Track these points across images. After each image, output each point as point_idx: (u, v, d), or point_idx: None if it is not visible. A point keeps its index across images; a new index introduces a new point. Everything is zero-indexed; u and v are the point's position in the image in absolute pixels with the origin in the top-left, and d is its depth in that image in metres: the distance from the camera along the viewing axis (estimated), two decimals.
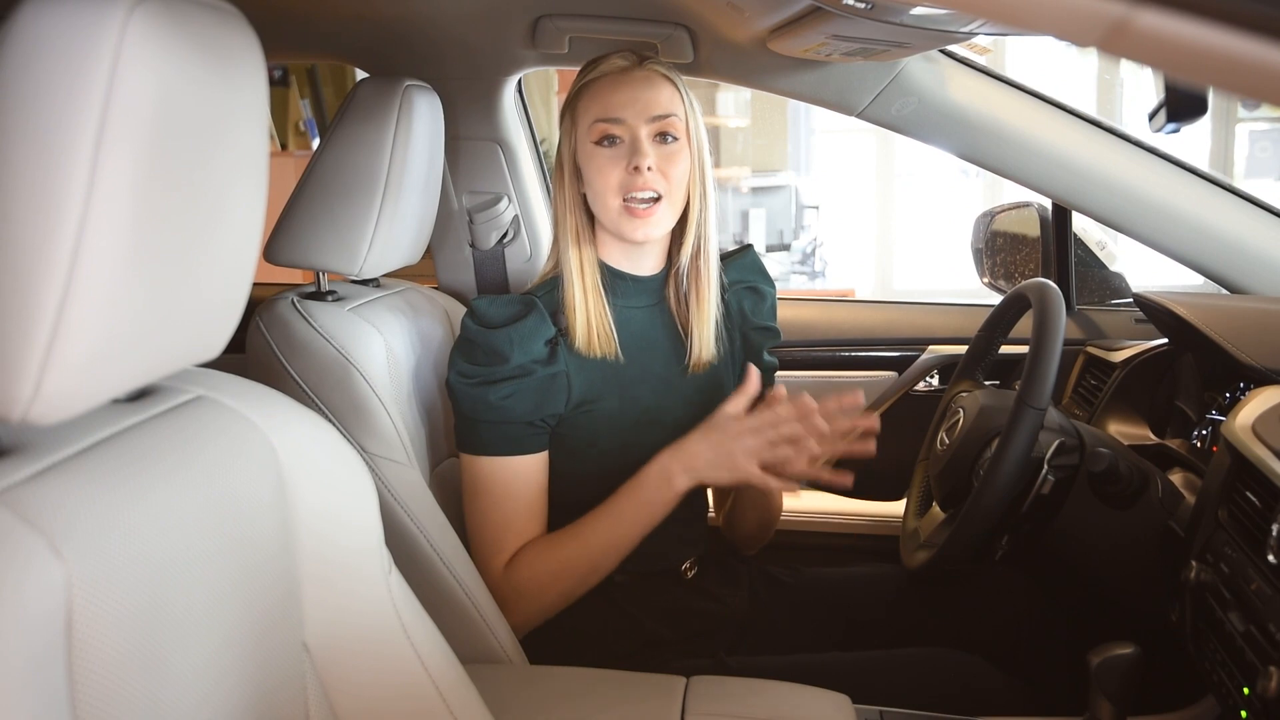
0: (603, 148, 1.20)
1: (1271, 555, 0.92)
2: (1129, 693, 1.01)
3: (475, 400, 1.17)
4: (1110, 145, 1.55)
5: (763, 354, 1.39)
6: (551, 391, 1.19)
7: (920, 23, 1.13)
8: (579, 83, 1.24)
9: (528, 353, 1.17)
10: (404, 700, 0.80)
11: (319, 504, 0.76)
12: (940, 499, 1.31)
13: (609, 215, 1.21)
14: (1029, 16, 0.42)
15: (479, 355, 1.17)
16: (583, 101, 1.22)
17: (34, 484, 0.55)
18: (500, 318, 1.18)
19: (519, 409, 1.17)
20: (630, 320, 1.26)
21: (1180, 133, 0.73)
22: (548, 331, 1.19)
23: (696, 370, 1.29)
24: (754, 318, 1.37)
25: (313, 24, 1.57)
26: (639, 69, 1.21)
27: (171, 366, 0.64)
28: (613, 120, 1.19)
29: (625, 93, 1.20)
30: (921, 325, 1.79)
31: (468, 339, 1.19)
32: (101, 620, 0.54)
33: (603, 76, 1.22)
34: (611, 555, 1.20)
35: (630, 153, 1.19)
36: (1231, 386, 1.29)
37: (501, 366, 1.16)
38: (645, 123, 1.19)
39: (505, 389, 1.16)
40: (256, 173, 0.66)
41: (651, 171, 1.18)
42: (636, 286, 1.27)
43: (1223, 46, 0.38)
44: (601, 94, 1.21)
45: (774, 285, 1.41)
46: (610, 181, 1.19)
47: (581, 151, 1.22)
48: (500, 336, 1.16)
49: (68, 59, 0.52)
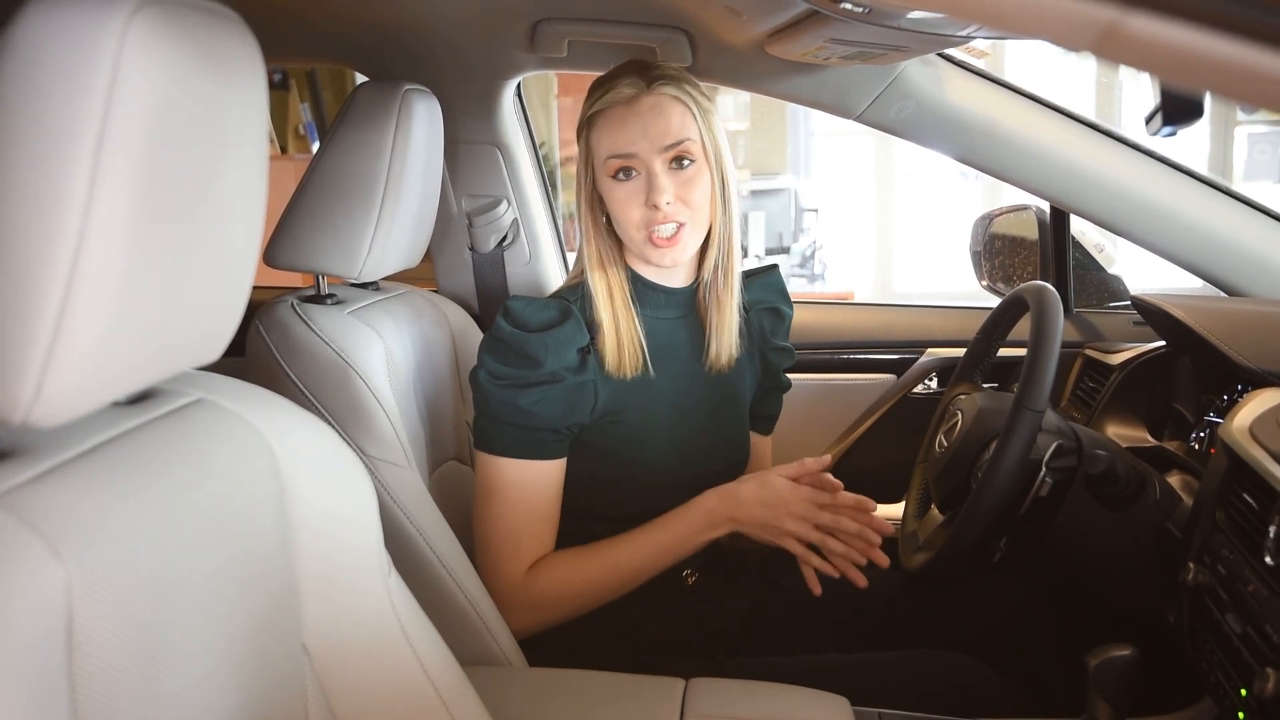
0: (620, 181, 1.17)
1: (1268, 557, 0.92)
2: (1126, 694, 1.01)
3: (503, 402, 1.15)
4: (1108, 148, 1.55)
5: (779, 375, 1.42)
6: (579, 400, 1.18)
7: (917, 26, 1.13)
8: (590, 108, 1.21)
9: (560, 360, 1.15)
10: (403, 701, 0.80)
11: (319, 507, 0.76)
12: (939, 501, 1.31)
13: (634, 244, 1.20)
14: (1021, 21, 0.42)
15: (511, 357, 1.15)
16: (594, 133, 1.20)
17: (34, 486, 0.55)
18: (536, 321, 1.16)
19: (547, 415, 1.16)
20: (658, 331, 1.25)
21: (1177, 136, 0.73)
22: (582, 339, 1.18)
23: (714, 373, 1.29)
24: (773, 338, 1.39)
25: (312, 28, 1.57)
26: (647, 94, 1.17)
27: (171, 369, 0.64)
28: (625, 155, 1.17)
29: (635, 126, 1.16)
30: (920, 328, 1.80)
31: (500, 339, 1.16)
32: (101, 622, 0.55)
33: (610, 108, 1.18)
34: (635, 581, 1.21)
35: (648, 187, 1.17)
36: (1229, 389, 1.29)
37: (534, 371, 1.14)
38: (659, 153, 1.16)
39: (535, 394, 1.15)
40: (256, 176, 0.67)
41: (671, 205, 1.16)
42: (668, 299, 1.27)
43: (1214, 51, 0.38)
44: (611, 127, 1.18)
45: (793, 307, 1.42)
46: (631, 217, 1.17)
47: (600, 183, 1.20)
48: (535, 341, 1.14)
49: (69, 63, 0.52)
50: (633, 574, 1.21)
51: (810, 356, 1.78)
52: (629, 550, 1.21)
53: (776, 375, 1.42)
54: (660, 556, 1.21)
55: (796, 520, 1.18)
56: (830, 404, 1.80)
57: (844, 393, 1.80)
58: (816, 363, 1.79)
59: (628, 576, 1.21)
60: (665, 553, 1.21)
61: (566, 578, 1.20)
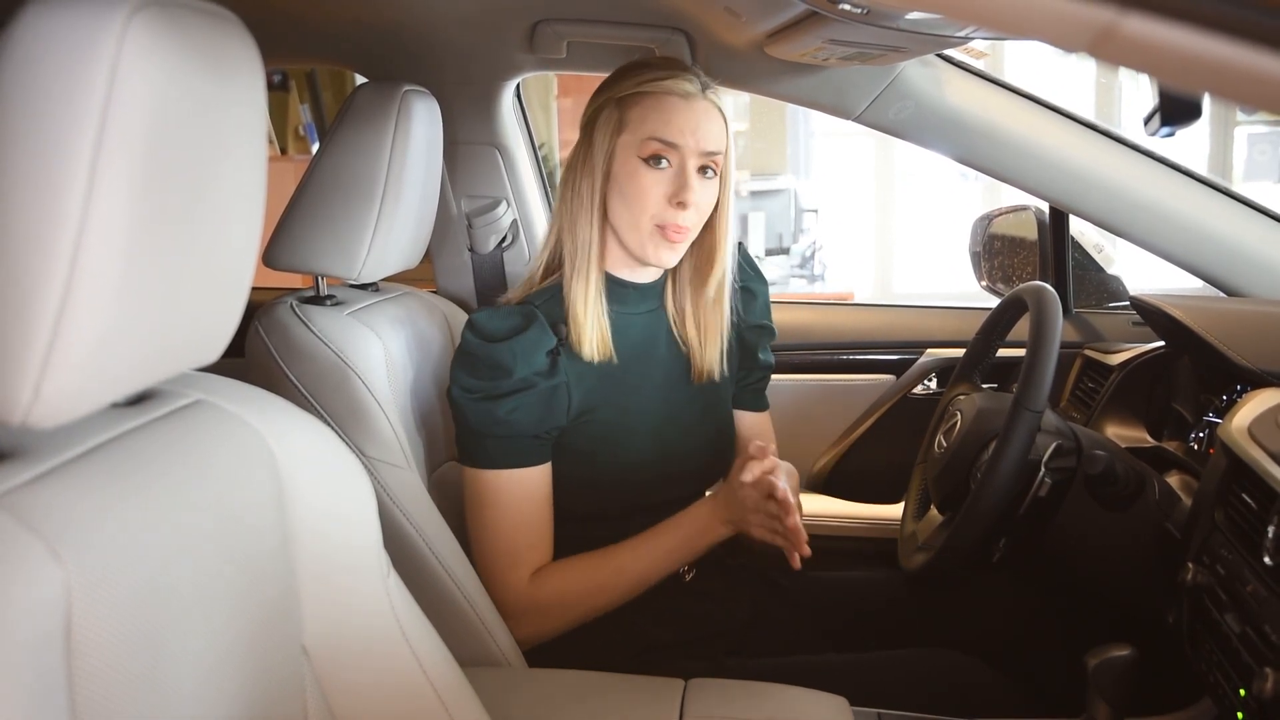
0: (649, 166, 1.16)
1: (1267, 557, 0.93)
2: (1126, 694, 1.01)
3: (482, 415, 1.15)
4: (1108, 149, 1.55)
5: (758, 352, 1.39)
6: (554, 403, 1.18)
7: (916, 27, 1.13)
8: (635, 86, 1.18)
9: (530, 365, 1.15)
10: (402, 702, 0.80)
11: (318, 508, 0.76)
12: (938, 501, 1.31)
13: (635, 234, 1.18)
14: (1018, 22, 0.42)
15: (481, 369, 1.15)
16: (636, 110, 1.17)
17: (33, 488, 0.55)
18: (501, 330, 1.16)
19: (525, 422, 1.16)
20: (629, 327, 1.25)
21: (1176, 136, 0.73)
22: (549, 343, 1.17)
23: (699, 381, 1.29)
24: (748, 317, 1.37)
25: (311, 29, 1.57)
26: (701, 98, 1.17)
27: (170, 370, 0.64)
28: (669, 144, 1.15)
29: (688, 119, 1.16)
30: (919, 328, 1.80)
31: (469, 353, 1.16)
32: (100, 623, 0.55)
33: (666, 95, 1.17)
34: (639, 586, 1.21)
35: (677, 183, 1.16)
36: (1228, 389, 1.29)
37: (505, 380, 1.14)
38: (697, 155, 1.16)
39: (510, 403, 1.15)
40: (255, 177, 0.67)
41: (691, 208, 1.17)
42: (636, 294, 1.26)
43: (1210, 52, 0.38)
44: (663, 112, 1.16)
45: (766, 282, 1.41)
46: (648, 202, 1.16)
47: (623, 158, 1.18)
48: (502, 350, 1.14)
49: (68, 64, 0.52)
50: (642, 577, 1.21)
51: (810, 357, 1.78)
52: (634, 554, 1.21)
53: (754, 354, 1.39)
54: (668, 559, 1.22)
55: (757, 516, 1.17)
56: (830, 404, 1.80)
57: (843, 393, 1.80)
58: (816, 363, 1.79)
59: (639, 579, 1.21)
60: (673, 554, 1.22)
61: (571, 584, 1.20)
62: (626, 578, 1.21)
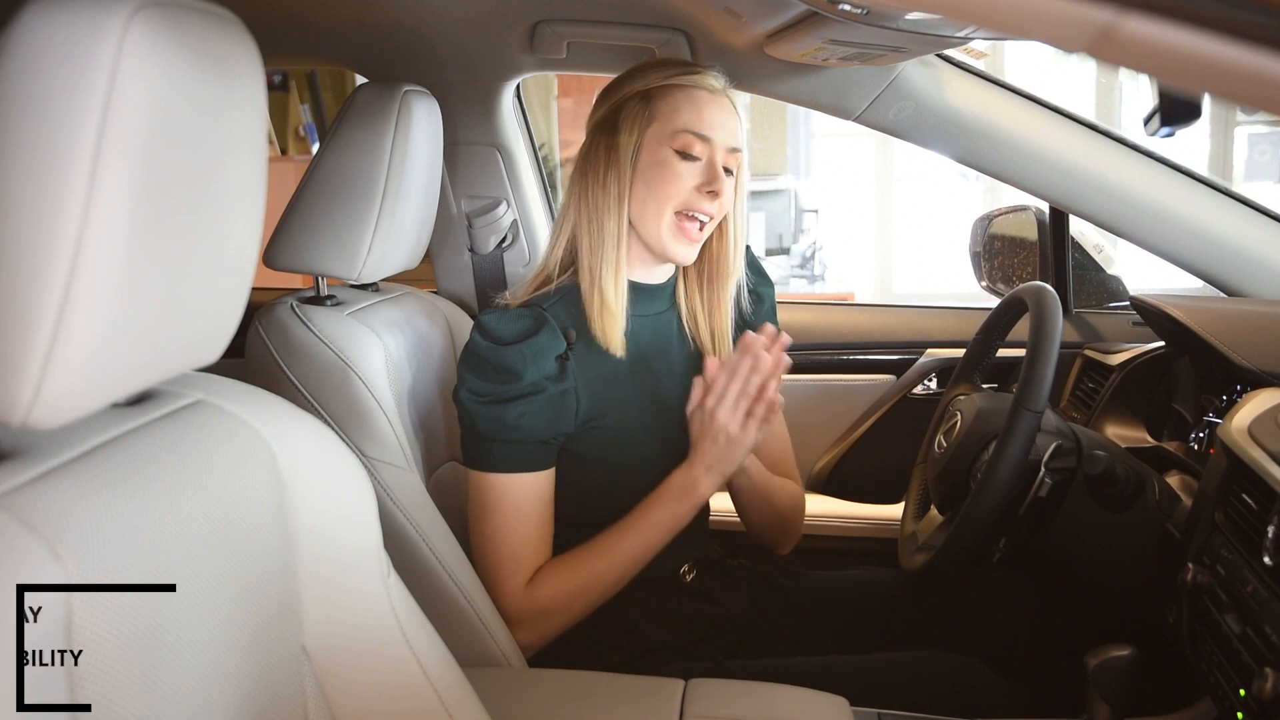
0: (679, 158, 1.17)
1: (1267, 557, 0.93)
2: (1126, 694, 1.01)
3: (490, 418, 1.14)
4: (1108, 149, 1.55)
5: None
6: (563, 408, 1.17)
7: (916, 27, 1.13)
8: (663, 79, 1.19)
9: (540, 369, 1.14)
10: (402, 703, 0.80)
11: (318, 508, 0.76)
12: (938, 502, 1.31)
13: (656, 228, 1.18)
14: (1018, 22, 0.42)
15: (490, 372, 1.14)
16: (669, 101, 1.18)
17: (34, 488, 0.55)
18: (511, 333, 1.15)
19: (534, 426, 1.15)
20: (639, 329, 1.24)
21: (1175, 137, 0.73)
22: (559, 347, 1.16)
23: (697, 366, 1.29)
24: (755, 320, 1.37)
25: (311, 30, 1.57)
26: (724, 96, 1.20)
27: (171, 370, 0.64)
28: (702, 137, 1.17)
29: (717, 115, 1.18)
30: (919, 328, 1.80)
31: (477, 355, 1.15)
32: (100, 624, 0.55)
33: (696, 89, 1.18)
34: (635, 567, 1.20)
35: (708, 173, 1.17)
36: (1228, 389, 1.29)
37: (514, 384, 1.13)
38: (724, 151, 1.19)
39: (519, 407, 1.14)
40: (255, 177, 0.67)
41: (723, 197, 1.18)
42: (647, 295, 1.26)
43: (1210, 52, 0.38)
44: (696, 105, 1.18)
45: (773, 286, 1.42)
46: (677, 189, 1.17)
47: (651, 149, 1.18)
48: (513, 354, 1.13)
49: (68, 64, 0.52)
50: (633, 558, 1.20)
51: (810, 357, 1.78)
52: (620, 537, 1.20)
53: None
54: (655, 535, 1.20)
55: (729, 423, 1.17)
56: (830, 405, 1.80)
57: (844, 393, 1.80)
58: (816, 363, 1.79)
59: (631, 561, 1.20)
60: (659, 529, 1.20)
61: (569, 579, 1.20)
62: (621, 560, 1.19)
